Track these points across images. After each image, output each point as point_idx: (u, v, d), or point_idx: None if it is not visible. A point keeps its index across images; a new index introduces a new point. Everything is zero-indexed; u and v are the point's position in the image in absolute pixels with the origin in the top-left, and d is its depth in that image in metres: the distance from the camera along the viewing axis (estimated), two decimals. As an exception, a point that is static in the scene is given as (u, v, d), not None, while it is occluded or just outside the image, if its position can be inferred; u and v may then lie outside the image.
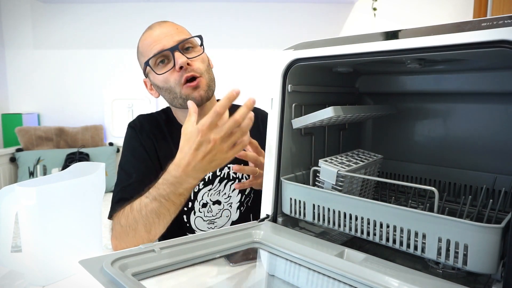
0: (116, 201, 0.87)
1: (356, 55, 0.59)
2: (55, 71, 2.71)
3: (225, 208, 0.98)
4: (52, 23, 2.68)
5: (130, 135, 0.97)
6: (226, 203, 0.98)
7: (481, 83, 0.72)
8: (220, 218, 0.97)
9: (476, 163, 0.76)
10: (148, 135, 0.95)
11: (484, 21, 0.47)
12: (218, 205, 0.97)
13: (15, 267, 0.63)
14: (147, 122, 0.98)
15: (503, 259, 0.47)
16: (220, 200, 0.97)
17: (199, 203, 0.96)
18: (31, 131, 2.46)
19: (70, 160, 2.39)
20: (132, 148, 0.94)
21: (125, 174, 0.91)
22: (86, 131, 2.57)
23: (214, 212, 0.97)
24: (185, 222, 0.96)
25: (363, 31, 0.64)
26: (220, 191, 0.97)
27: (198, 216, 0.96)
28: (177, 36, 0.90)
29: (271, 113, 0.71)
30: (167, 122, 0.99)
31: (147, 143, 0.94)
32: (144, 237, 0.76)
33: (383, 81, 0.87)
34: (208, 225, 0.97)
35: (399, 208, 0.54)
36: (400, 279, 0.48)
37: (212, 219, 0.97)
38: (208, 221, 0.97)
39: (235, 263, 0.61)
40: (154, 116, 1.01)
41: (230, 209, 0.98)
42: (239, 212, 0.99)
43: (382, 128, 0.92)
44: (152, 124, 0.98)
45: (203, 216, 0.96)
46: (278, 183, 0.70)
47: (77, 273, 0.65)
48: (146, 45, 0.91)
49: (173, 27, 0.93)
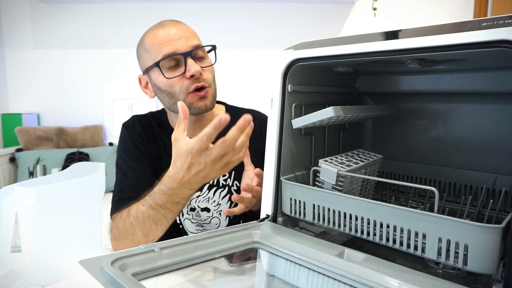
0: (116, 201, 0.87)
1: (356, 55, 0.59)
2: (55, 71, 2.71)
3: (214, 216, 0.96)
4: (52, 23, 2.68)
5: (124, 135, 0.97)
6: (215, 211, 0.96)
7: (481, 83, 0.72)
8: (209, 224, 0.96)
9: (476, 163, 0.76)
10: (139, 135, 0.95)
11: (484, 21, 0.47)
12: (207, 212, 0.95)
13: (15, 267, 0.63)
14: (139, 122, 0.98)
15: (503, 259, 0.47)
16: (209, 208, 0.95)
17: (187, 207, 0.95)
18: (31, 131, 2.46)
19: (70, 160, 2.39)
20: (126, 147, 0.95)
21: (122, 174, 0.92)
22: (86, 131, 2.57)
23: (203, 218, 0.96)
24: (178, 224, 0.96)
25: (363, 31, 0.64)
26: (209, 198, 0.95)
27: (186, 218, 0.96)
28: (192, 40, 0.87)
29: (271, 113, 0.71)
30: (158, 125, 0.99)
31: (139, 142, 0.95)
32: (141, 241, 0.76)
33: (383, 81, 0.87)
34: (197, 227, 0.96)
35: (399, 208, 0.54)
36: (400, 279, 0.48)
37: (201, 222, 0.96)
38: (196, 223, 0.96)
39: (235, 263, 0.61)
40: (147, 117, 1.01)
41: (220, 217, 0.96)
42: (228, 219, 0.97)
43: (382, 128, 0.92)
44: (144, 125, 0.98)
45: (191, 219, 0.96)
46: (278, 183, 0.70)
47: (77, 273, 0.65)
48: (155, 43, 0.86)
49: (187, 30, 0.89)
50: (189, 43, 0.86)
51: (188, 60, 0.84)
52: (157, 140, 0.97)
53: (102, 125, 2.66)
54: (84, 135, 2.55)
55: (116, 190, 0.90)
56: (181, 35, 0.86)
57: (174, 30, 0.87)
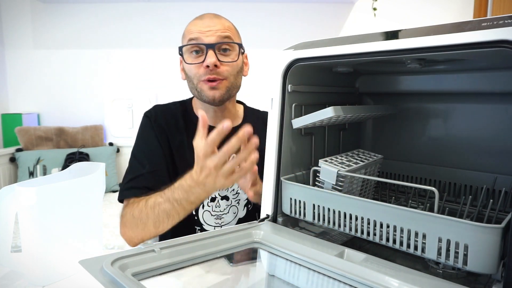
0: (127, 188, 0.89)
1: (356, 55, 0.59)
2: (55, 71, 2.71)
3: (232, 204, 0.98)
4: (52, 23, 2.68)
5: (145, 124, 0.98)
6: (234, 200, 0.98)
7: (481, 83, 0.72)
8: (227, 214, 0.98)
9: (476, 163, 0.76)
10: (161, 126, 0.96)
11: (484, 21, 0.47)
12: (226, 200, 0.98)
13: (15, 267, 0.64)
14: (162, 112, 0.99)
15: (503, 259, 0.47)
16: (228, 196, 0.98)
17: (208, 198, 0.96)
18: (31, 131, 2.46)
19: (70, 160, 2.39)
20: (146, 137, 0.96)
21: (138, 163, 0.92)
22: (86, 131, 2.57)
23: (222, 207, 0.98)
24: (193, 216, 0.96)
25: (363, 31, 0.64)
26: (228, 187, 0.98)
27: (206, 210, 0.97)
28: (221, 32, 0.91)
29: (271, 113, 0.71)
30: (183, 114, 1.00)
31: (161, 133, 0.95)
32: (151, 232, 0.79)
33: (383, 81, 0.87)
34: (216, 220, 0.98)
35: (399, 208, 0.54)
36: (400, 279, 0.48)
37: (220, 214, 0.98)
38: (216, 216, 0.98)
39: (235, 263, 0.61)
40: (169, 107, 1.02)
41: (238, 205, 0.99)
42: (246, 209, 1.00)
43: (382, 128, 0.92)
44: (167, 115, 0.99)
45: (211, 211, 0.97)
46: (278, 183, 0.70)
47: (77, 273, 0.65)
48: (188, 30, 0.94)
49: (223, 24, 0.94)
50: (217, 34, 0.91)
51: (209, 51, 0.89)
52: (180, 128, 0.98)
53: (102, 125, 2.66)
54: (84, 135, 2.55)
55: (129, 176, 0.91)
56: (212, 26, 0.92)
57: (209, 22, 0.93)
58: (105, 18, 2.68)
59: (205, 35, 0.91)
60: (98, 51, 2.71)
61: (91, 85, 2.73)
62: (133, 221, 0.81)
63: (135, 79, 2.69)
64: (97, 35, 2.70)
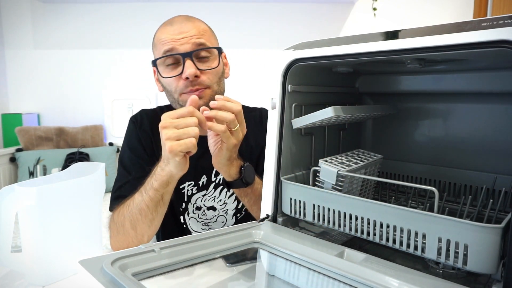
0: (115, 197, 0.87)
1: (356, 55, 0.59)
2: (55, 71, 2.71)
3: (220, 214, 0.96)
4: (52, 23, 2.68)
5: (131, 129, 0.97)
6: (222, 210, 0.96)
7: (481, 83, 0.72)
8: (215, 222, 0.97)
9: (476, 163, 0.76)
10: (146, 131, 0.95)
11: (484, 21, 0.47)
12: (213, 211, 0.96)
13: (15, 267, 0.63)
14: (147, 117, 0.98)
15: (503, 259, 0.47)
16: (215, 206, 0.96)
17: (192, 206, 0.95)
18: (31, 131, 2.46)
19: (70, 160, 2.39)
20: (131, 143, 0.95)
21: (124, 170, 0.91)
22: (86, 131, 2.57)
23: (209, 216, 0.96)
24: (181, 223, 0.96)
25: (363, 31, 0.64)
26: (215, 197, 0.95)
27: (192, 217, 0.96)
28: (196, 39, 0.84)
29: (271, 113, 0.71)
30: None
31: (145, 138, 0.94)
32: (131, 235, 0.77)
33: (383, 81, 0.87)
34: (202, 227, 0.96)
35: (399, 208, 0.54)
36: (400, 279, 0.48)
37: (207, 221, 0.96)
38: (202, 222, 0.96)
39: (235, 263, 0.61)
40: (156, 111, 1.00)
41: (226, 215, 0.97)
42: (235, 218, 0.98)
43: (382, 128, 0.92)
44: (152, 120, 0.97)
45: (197, 218, 0.96)
46: (278, 183, 0.70)
47: (77, 273, 0.65)
48: (160, 40, 0.86)
49: (196, 28, 0.87)
50: (192, 41, 0.84)
51: (186, 61, 0.82)
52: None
53: (102, 125, 2.66)
54: (84, 135, 2.55)
55: (117, 185, 0.90)
56: (186, 33, 0.84)
57: (181, 28, 0.85)
58: (105, 18, 2.68)
59: (179, 43, 0.83)
60: (98, 51, 2.71)
61: (91, 85, 2.73)
62: (114, 228, 0.79)
63: (135, 79, 2.69)
64: (97, 35, 2.70)
